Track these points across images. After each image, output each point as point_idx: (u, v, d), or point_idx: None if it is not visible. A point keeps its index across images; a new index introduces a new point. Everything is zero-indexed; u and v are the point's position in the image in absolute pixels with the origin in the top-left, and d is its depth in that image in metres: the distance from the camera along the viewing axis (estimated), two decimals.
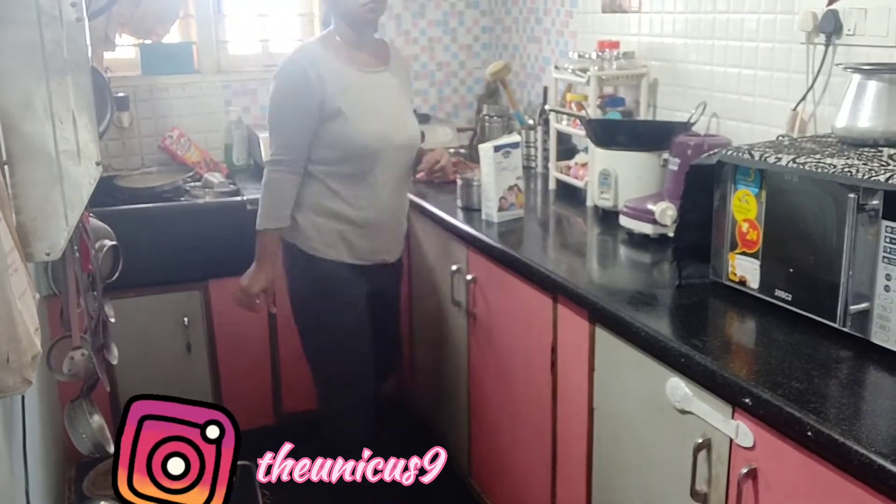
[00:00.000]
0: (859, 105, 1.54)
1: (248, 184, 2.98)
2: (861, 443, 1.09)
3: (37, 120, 1.15)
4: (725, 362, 1.36)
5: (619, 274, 2.00)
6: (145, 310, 2.67)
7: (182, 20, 3.15)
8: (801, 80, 1.98)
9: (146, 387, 1.30)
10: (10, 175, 1.11)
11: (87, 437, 1.80)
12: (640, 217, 2.05)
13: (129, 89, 3.08)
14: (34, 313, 1.05)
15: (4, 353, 0.97)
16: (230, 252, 2.67)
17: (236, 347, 2.82)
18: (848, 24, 1.83)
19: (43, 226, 1.16)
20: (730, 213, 1.62)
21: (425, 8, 3.49)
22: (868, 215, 1.31)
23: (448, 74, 3.59)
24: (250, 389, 2.86)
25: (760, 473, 1.30)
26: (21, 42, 1.14)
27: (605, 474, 1.78)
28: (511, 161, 2.33)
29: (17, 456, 1.61)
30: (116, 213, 2.53)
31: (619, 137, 2.27)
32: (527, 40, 3.32)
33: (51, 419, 2.30)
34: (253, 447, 1.41)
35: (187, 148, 3.14)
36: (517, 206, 2.35)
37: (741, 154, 1.56)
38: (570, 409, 1.87)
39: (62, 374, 1.72)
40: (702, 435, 1.41)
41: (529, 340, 2.03)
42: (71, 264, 1.63)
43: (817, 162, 1.41)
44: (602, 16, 2.76)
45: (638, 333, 1.54)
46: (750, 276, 1.59)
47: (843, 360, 1.35)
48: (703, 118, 2.25)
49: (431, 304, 2.68)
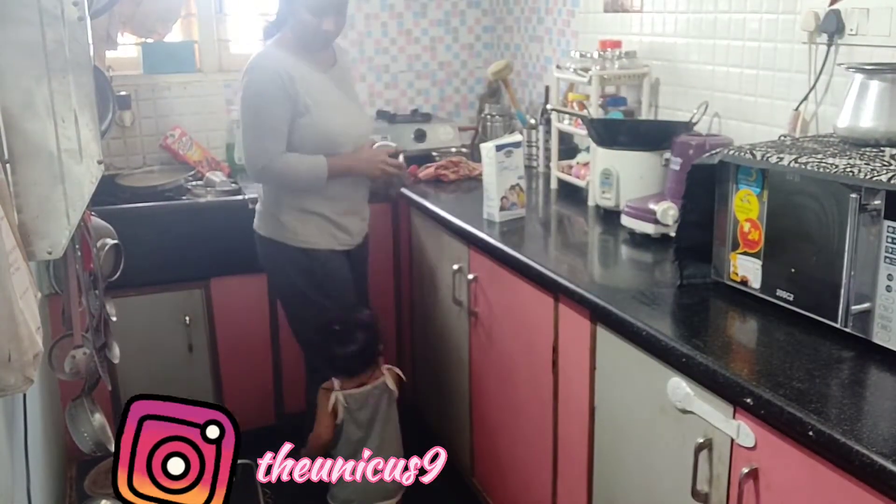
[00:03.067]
0: (861, 105, 1.54)
1: (249, 183, 2.97)
2: (862, 443, 1.08)
3: (38, 119, 1.15)
4: (727, 362, 1.36)
5: (620, 273, 2.00)
6: (147, 309, 2.68)
7: (184, 19, 3.15)
8: (803, 79, 1.98)
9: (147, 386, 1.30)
10: (12, 174, 1.11)
11: (88, 436, 1.80)
12: (642, 217, 2.05)
13: (131, 88, 3.08)
14: (36, 312, 1.05)
15: (6, 352, 0.97)
16: (232, 251, 2.68)
17: (238, 347, 2.82)
18: (850, 24, 1.83)
19: (44, 224, 1.16)
20: (731, 213, 1.62)
21: (427, 7, 3.49)
22: (870, 215, 1.31)
23: (450, 74, 3.59)
24: (251, 389, 2.87)
25: (761, 473, 1.30)
26: (23, 41, 1.14)
27: (606, 474, 1.78)
28: (513, 160, 2.33)
29: (19, 454, 1.61)
30: (118, 212, 2.53)
31: (621, 137, 2.27)
32: (528, 40, 3.32)
33: (52, 418, 2.30)
34: (254, 447, 1.42)
35: (189, 147, 3.14)
36: (519, 205, 2.35)
37: (743, 154, 1.56)
38: (572, 408, 1.87)
39: (64, 372, 1.72)
40: (703, 435, 1.41)
41: (531, 340, 2.03)
42: (72, 263, 1.63)
43: (819, 162, 1.41)
44: (604, 15, 2.76)
45: (639, 333, 1.54)
46: (751, 276, 1.59)
47: (845, 360, 1.35)
48: (704, 118, 2.25)
49: (433, 304, 2.69)
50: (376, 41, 3.44)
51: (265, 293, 2.82)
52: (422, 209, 2.64)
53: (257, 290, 2.80)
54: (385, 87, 3.49)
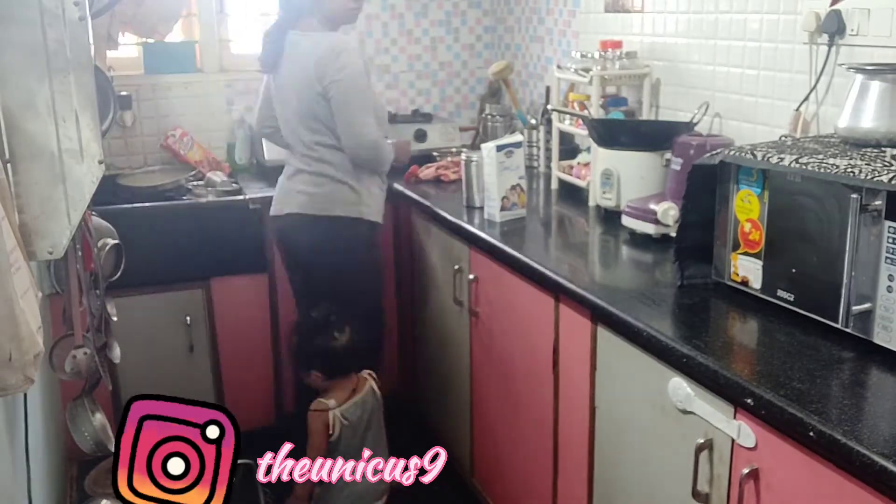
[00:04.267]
0: (862, 105, 1.54)
1: (250, 183, 2.98)
2: (863, 443, 1.08)
3: (39, 119, 1.15)
4: (727, 362, 1.36)
5: (620, 274, 2.00)
6: (147, 309, 2.68)
7: (185, 19, 3.15)
8: (804, 80, 1.98)
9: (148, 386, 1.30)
10: (13, 174, 1.11)
11: (88, 436, 1.80)
12: (643, 217, 2.05)
13: (132, 88, 3.08)
14: (36, 312, 1.05)
15: (7, 352, 0.97)
16: (232, 251, 2.68)
17: (238, 347, 2.82)
18: (851, 25, 1.83)
19: (45, 224, 1.16)
20: (732, 214, 1.62)
21: (428, 7, 3.49)
22: (871, 216, 1.31)
23: (450, 74, 3.59)
24: (251, 389, 2.87)
25: (762, 474, 1.30)
26: (24, 41, 1.14)
27: (607, 474, 1.78)
28: (513, 161, 2.33)
29: (20, 454, 1.61)
30: (119, 212, 2.53)
31: (622, 137, 2.27)
32: (529, 40, 3.32)
33: (53, 417, 2.31)
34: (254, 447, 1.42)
35: (190, 147, 3.14)
36: (519, 205, 2.35)
37: (744, 154, 1.55)
38: (572, 408, 1.87)
39: (64, 372, 1.72)
40: (703, 435, 1.41)
41: (531, 340, 2.03)
42: (73, 263, 1.63)
43: (820, 162, 1.41)
44: (605, 15, 2.76)
45: (640, 333, 1.54)
46: (752, 277, 1.59)
47: (845, 360, 1.35)
48: (705, 118, 2.25)
49: (433, 304, 2.69)
50: (377, 41, 3.44)
51: (266, 293, 2.82)
52: (422, 209, 2.64)
53: (258, 290, 2.80)
54: (386, 87, 3.49)
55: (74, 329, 1.69)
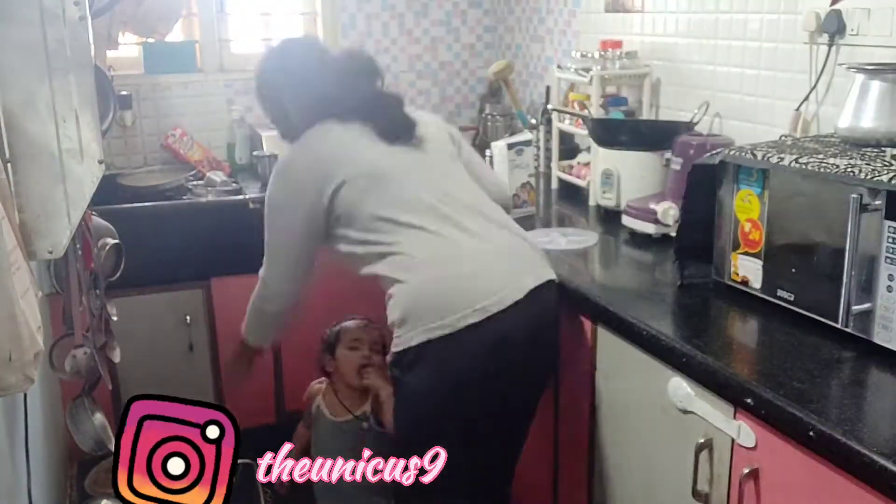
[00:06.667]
0: (862, 105, 1.54)
1: (250, 182, 2.98)
2: (863, 443, 1.08)
3: (39, 118, 1.15)
4: (727, 362, 1.36)
5: (621, 274, 2.00)
6: (147, 308, 2.67)
7: (185, 19, 3.15)
8: (804, 80, 1.98)
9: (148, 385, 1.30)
10: (13, 173, 1.11)
11: (89, 435, 1.81)
12: (643, 217, 2.05)
13: (132, 88, 3.08)
14: (36, 311, 1.05)
15: (7, 352, 0.97)
16: (232, 251, 2.67)
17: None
18: (851, 25, 1.83)
19: (45, 224, 1.16)
20: (732, 213, 1.62)
21: (428, 7, 3.48)
22: (871, 215, 1.31)
23: (451, 74, 3.59)
24: (252, 388, 2.85)
25: (762, 474, 1.30)
26: (24, 41, 1.14)
27: (607, 474, 1.78)
28: (524, 159, 2.33)
29: (20, 453, 1.61)
30: (119, 212, 2.53)
31: (622, 137, 2.27)
32: (529, 40, 3.32)
33: (53, 417, 2.30)
34: (254, 446, 1.41)
35: (190, 146, 3.14)
36: (529, 203, 2.34)
37: (744, 154, 1.55)
38: (572, 408, 1.87)
39: (64, 372, 1.72)
40: (703, 435, 1.41)
41: None
42: (73, 263, 1.64)
43: (820, 162, 1.41)
44: (605, 15, 2.76)
45: (640, 333, 1.54)
46: (752, 276, 1.59)
47: (845, 360, 1.35)
48: (705, 118, 2.25)
49: None
50: (377, 41, 3.43)
51: None
52: None
53: None
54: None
55: (74, 329, 1.69)
